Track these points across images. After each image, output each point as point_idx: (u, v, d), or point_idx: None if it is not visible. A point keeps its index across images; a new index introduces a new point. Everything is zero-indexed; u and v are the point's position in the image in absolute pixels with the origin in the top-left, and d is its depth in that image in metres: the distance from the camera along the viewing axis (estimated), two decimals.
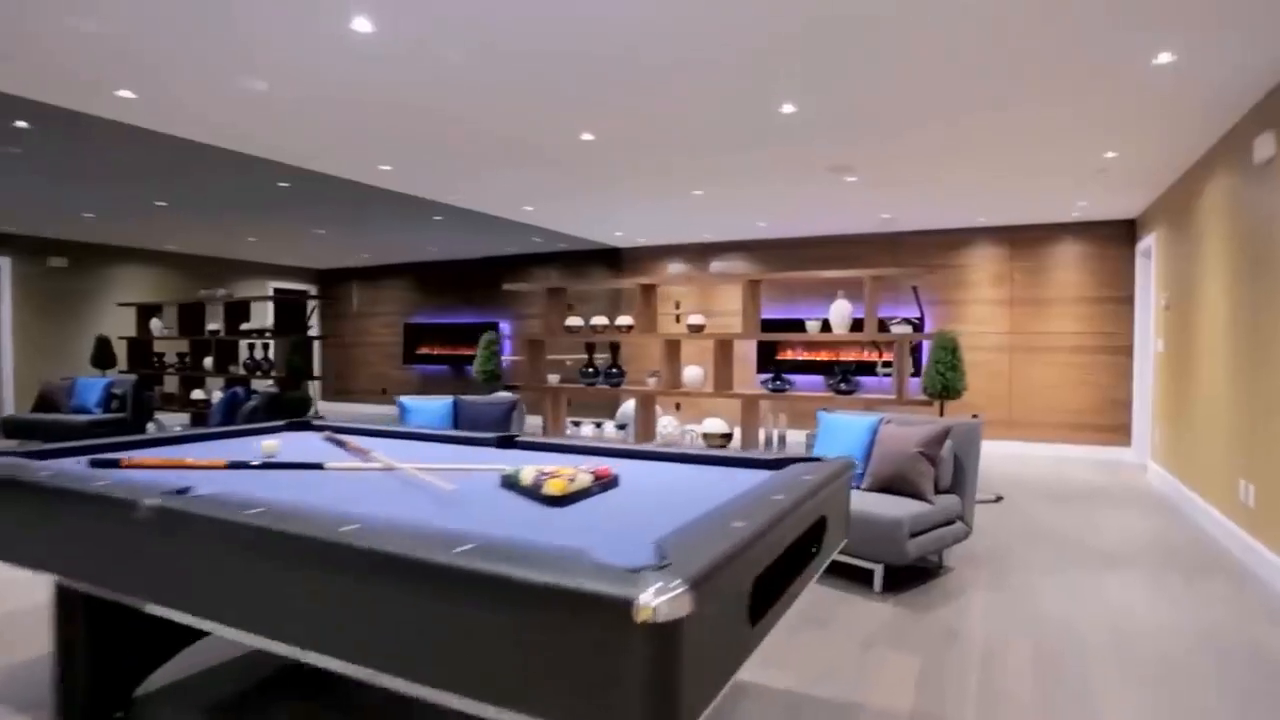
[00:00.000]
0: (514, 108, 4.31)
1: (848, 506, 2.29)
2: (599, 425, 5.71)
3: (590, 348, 5.75)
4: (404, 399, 5.37)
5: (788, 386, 4.94)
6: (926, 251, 8.47)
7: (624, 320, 5.55)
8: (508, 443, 2.89)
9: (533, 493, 1.90)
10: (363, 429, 3.26)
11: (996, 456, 7.87)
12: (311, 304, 12.40)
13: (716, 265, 4.88)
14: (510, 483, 2.02)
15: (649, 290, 5.47)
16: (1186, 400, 5.44)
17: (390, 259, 11.97)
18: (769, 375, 4.98)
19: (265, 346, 7.69)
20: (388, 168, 5.73)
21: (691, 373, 5.22)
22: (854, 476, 4.04)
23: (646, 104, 4.22)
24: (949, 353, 4.06)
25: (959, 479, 3.86)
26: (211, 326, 8.11)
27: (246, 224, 8.37)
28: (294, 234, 9.16)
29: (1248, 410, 4.11)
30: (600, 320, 5.62)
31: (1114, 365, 7.70)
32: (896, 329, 6.45)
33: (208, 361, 8.11)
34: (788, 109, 4.23)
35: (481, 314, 11.53)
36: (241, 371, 7.73)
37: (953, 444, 3.86)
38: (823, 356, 8.91)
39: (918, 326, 6.76)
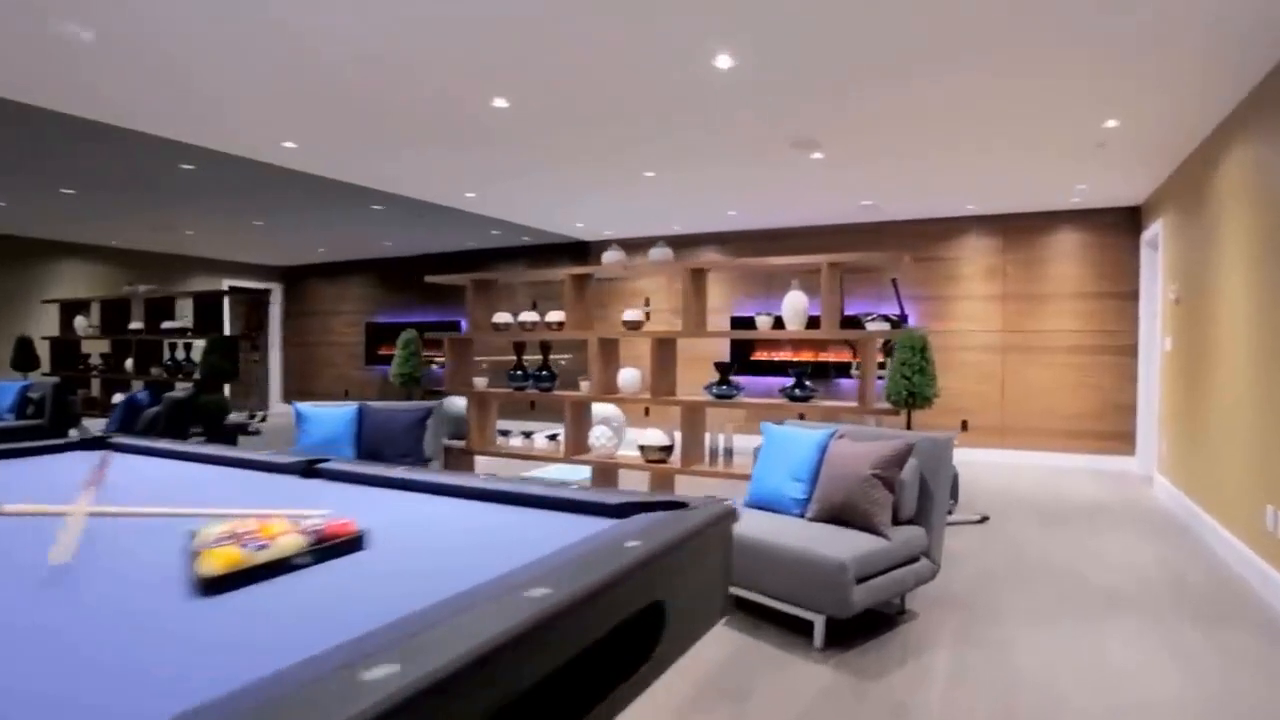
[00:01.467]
0: (414, 71, 3.65)
1: (722, 575, 1.62)
2: (528, 435, 5.04)
3: (519, 347, 5.08)
4: (301, 405, 4.72)
5: (736, 392, 4.27)
6: (912, 242, 7.79)
7: (554, 316, 4.88)
8: (311, 470, 2.22)
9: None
10: (161, 449, 2.59)
11: (986, 468, 7.17)
12: (226, 300, 11.79)
13: (655, 253, 4.19)
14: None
15: (580, 282, 4.81)
16: (1199, 406, 4.75)
17: (350, 255, 11.33)
18: (715, 380, 4.31)
19: (187, 347, 7.05)
20: (291, 145, 5.08)
21: (626, 376, 4.55)
22: (797, 504, 3.41)
23: (559, 61, 3.56)
24: (916, 353, 3.39)
25: (925, 507, 3.18)
26: (134, 325, 7.47)
27: (172, 214, 7.72)
28: (231, 226, 8.52)
29: (1275, 421, 3.42)
30: (529, 316, 4.95)
31: (1116, 366, 7.00)
32: (873, 326, 5.78)
33: (129, 363, 7.47)
34: (724, 62, 3.56)
35: (446, 313, 10.88)
36: (164, 374, 7.09)
37: (918, 464, 3.18)
38: (803, 356, 8.23)
39: (897, 324, 6.10)
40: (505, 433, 5.17)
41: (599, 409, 5.53)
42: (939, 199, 6.79)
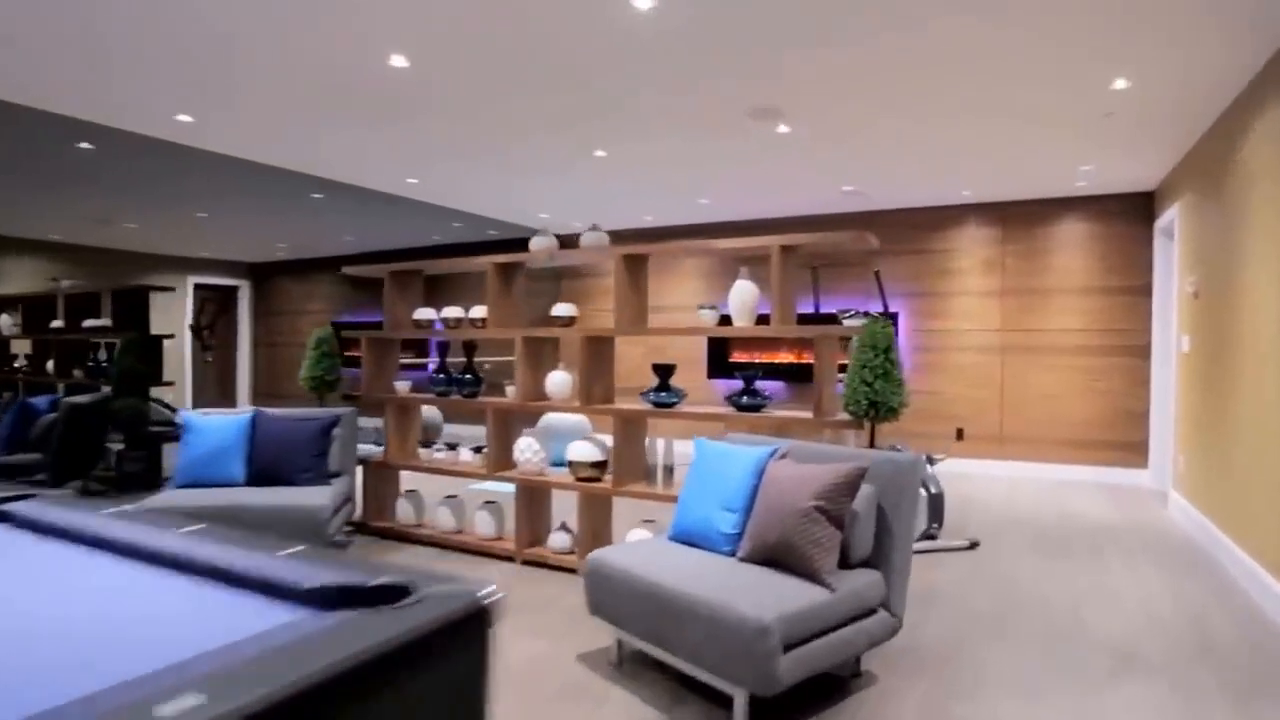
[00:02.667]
0: (297, 28, 3.05)
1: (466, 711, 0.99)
2: (453, 448, 4.43)
3: (443, 348, 4.47)
4: (188, 413, 4.12)
5: (677, 399, 3.64)
6: (902, 234, 7.14)
7: (478, 312, 4.27)
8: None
9: None
10: None
11: (982, 481, 6.50)
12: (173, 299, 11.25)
13: (588, 237, 3.57)
14: None
15: (505, 272, 4.19)
16: (1222, 414, 4.09)
17: (313, 252, 10.77)
18: (654, 386, 3.68)
19: (110, 347, 6.48)
20: (186, 118, 4.49)
21: (555, 380, 3.93)
22: (727, 540, 2.77)
23: (463, 8, 2.95)
24: (878, 354, 2.76)
25: (884, 545, 2.55)
26: (56, 323, 6.91)
27: (102, 205, 7.17)
28: (173, 219, 7.95)
29: None
30: (452, 312, 4.34)
31: (1127, 369, 6.33)
32: (852, 324, 5.15)
33: (51, 364, 6.91)
34: (642, 2, 2.93)
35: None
36: (83, 377, 6.52)
37: (875, 491, 2.55)
38: (782, 358, 7.58)
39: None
40: (427, 444, 4.55)
41: (559, 421, 4.90)
42: (931, 184, 6.14)
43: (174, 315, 11.15)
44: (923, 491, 4.27)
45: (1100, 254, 6.43)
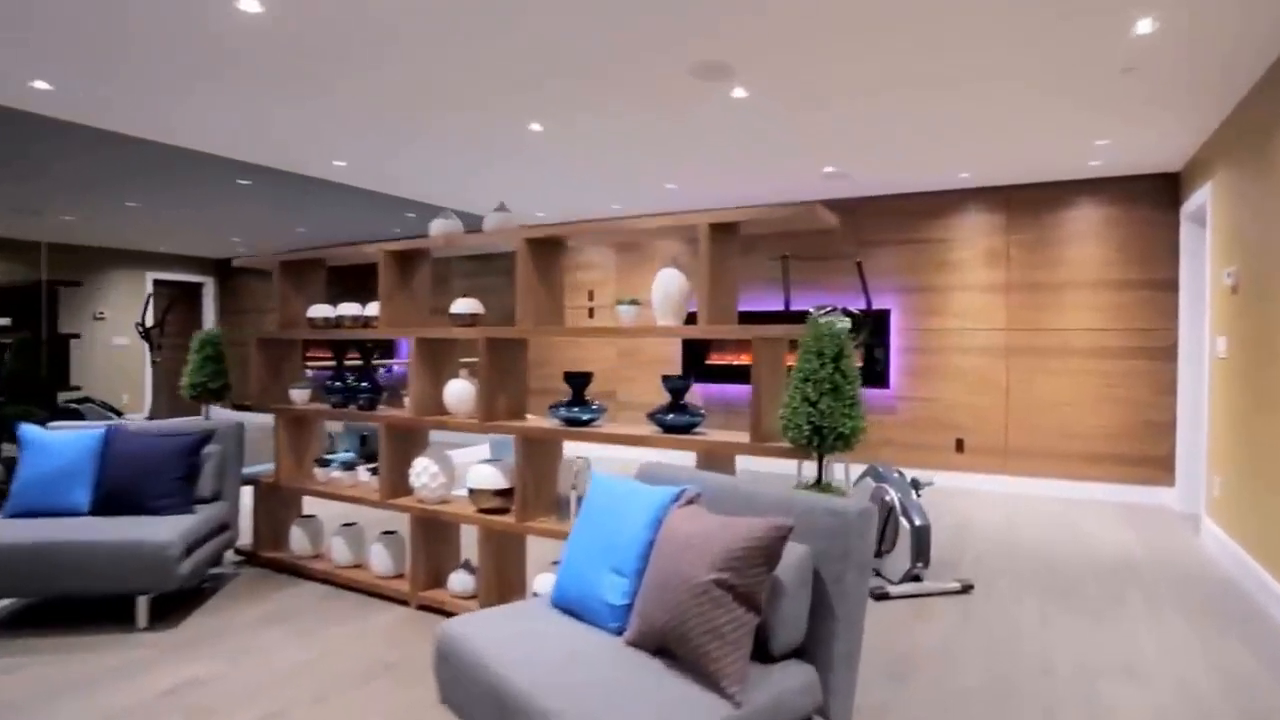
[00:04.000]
0: None
1: None
2: (350, 467, 3.77)
3: (340, 349, 3.80)
4: (29, 429, 3.48)
5: (596, 414, 2.96)
6: (894, 222, 6.41)
7: (354, 310, 3.61)
8: None
9: None
10: None
11: (983, 501, 5.77)
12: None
13: (493, 219, 2.87)
14: None
15: (402, 262, 3.51)
16: (1267, 427, 3.36)
17: (273, 246, 10.15)
18: (567, 400, 3.01)
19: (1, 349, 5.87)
20: (44, 85, 3.84)
21: (454, 391, 3.25)
22: (613, 613, 1.83)
23: None
24: (826, 363, 2.05)
25: (822, 628, 1.85)
26: None
27: (21, 193, 6.56)
28: (105, 209, 7.34)
29: None
30: (350, 309, 3.68)
31: (1150, 373, 5.58)
32: (832, 321, 4.44)
33: None
34: None
35: None
36: None
37: (810, 554, 1.85)
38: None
39: (860, 320, 4.76)
40: (325, 462, 3.87)
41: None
42: (924, 165, 5.41)
43: (134, 313, 10.59)
44: (905, 524, 3.56)
45: (1118, 243, 5.68)
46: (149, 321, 10.54)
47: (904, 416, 6.36)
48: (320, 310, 3.81)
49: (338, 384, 3.74)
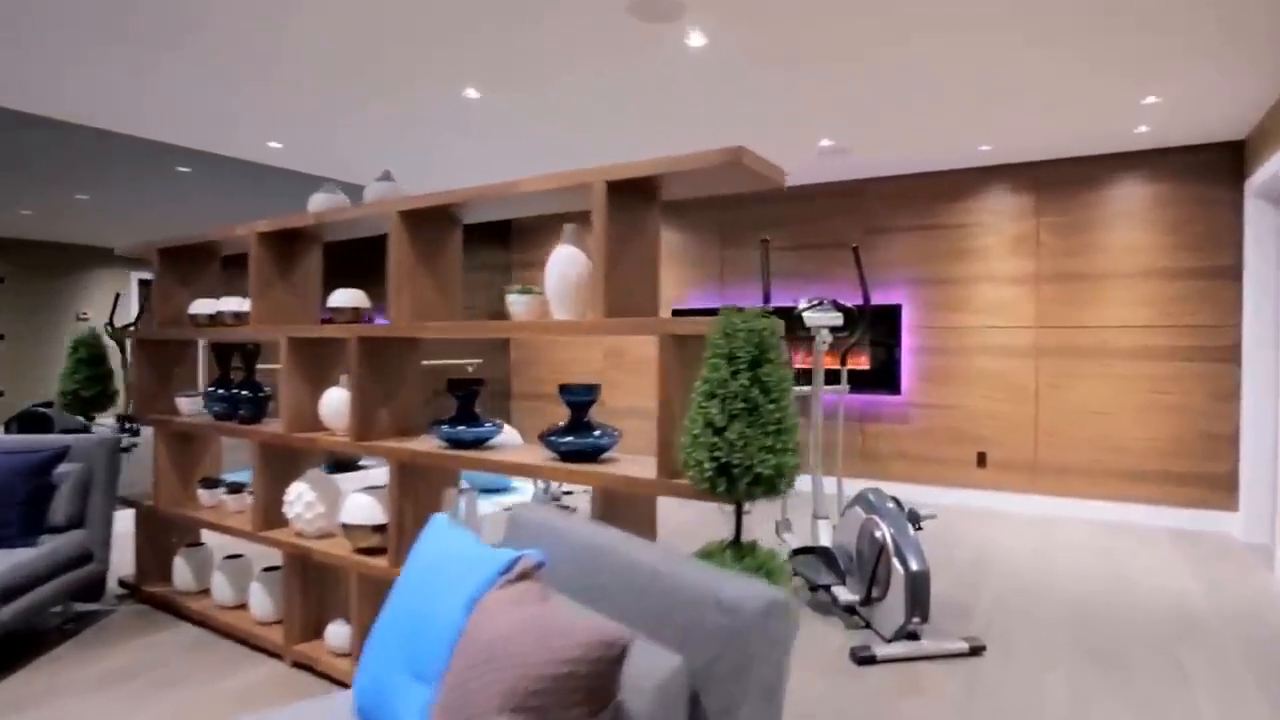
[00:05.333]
0: None
1: None
2: (238, 490, 3.17)
3: (225, 353, 3.20)
4: None
5: (490, 435, 2.32)
6: (904, 206, 5.66)
7: (236, 305, 3.01)
8: None
9: None
10: None
11: (1006, 527, 4.99)
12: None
13: (374, 189, 2.23)
14: None
15: (279, 246, 2.89)
16: None
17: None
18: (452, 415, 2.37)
19: None
20: None
21: (331, 402, 2.64)
22: None
23: None
24: (739, 370, 1.40)
25: None
26: None
27: None
28: (58, 202, 6.92)
29: None
30: (234, 304, 3.09)
31: (1207, 377, 4.76)
32: (817, 318, 3.75)
33: None
34: None
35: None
36: None
37: (687, 671, 1.17)
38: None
39: (854, 316, 4.03)
40: (237, 488, 3.27)
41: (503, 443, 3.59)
42: (937, 137, 4.67)
43: (130, 313, 10.26)
44: (899, 568, 2.85)
45: (1169, 225, 4.87)
46: (115, 321, 10.19)
47: (917, 425, 5.61)
48: (202, 306, 3.23)
49: (220, 392, 3.15)
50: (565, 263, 2.05)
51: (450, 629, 1.34)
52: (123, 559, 4.04)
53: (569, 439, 2.06)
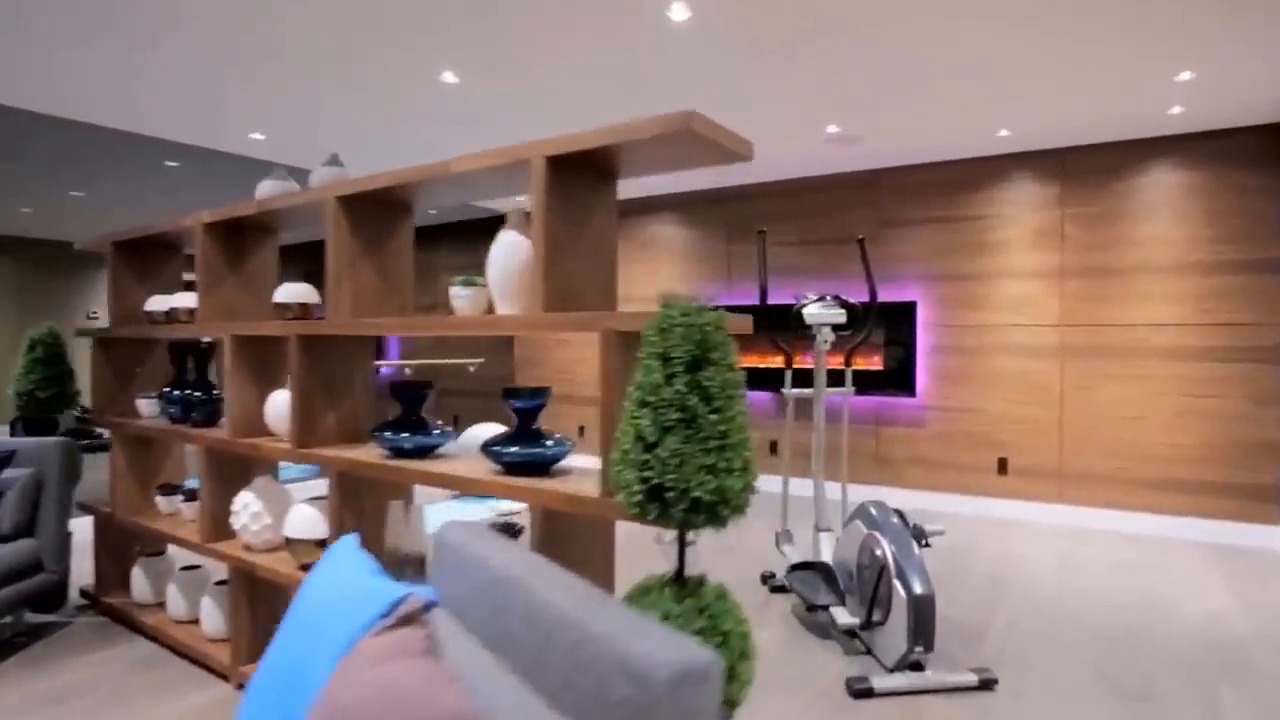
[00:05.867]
0: None
1: None
2: (192, 498, 2.99)
3: (177, 351, 3.02)
4: None
5: (438, 443, 2.10)
6: (919, 197, 5.35)
7: (191, 301, 2.83)
8: None
9: None
10: None
11: (1028, 539, 4.67)
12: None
13: (320, 174, 2.01)
14: None
15: (227, 237, 2.69)
16: None
17: None
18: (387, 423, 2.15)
19: None
20: None
21: (277, 405, 2.44)
22: None
23: None
24: (675, 373, 1.16)
25: None
26: None
27: None
28: (54, 199, 6.86)
29: None
30: (186, 300, 2.90)
31: (1249, 379, 4.40)
32: (818, 314, 3.48)
33: None
34: None
35: None
36: None
37: None
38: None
39: (859, 313, 3.74)
40: (192, 494, 3.10)
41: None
42: (952, 122, 4.36)
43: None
44: (900, 591, 2.58)
45: (1206, 216, 4.51)
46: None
47: (934, 429, 5.30)
48: (157, 302, 3.05)
49: (175, 394, 2.97)
50: (508, 251, 1.82)
51: (315, 687, 1.11)
52: (85, 567, 3.89)
53: (514, 449, 1.82)
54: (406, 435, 2.09)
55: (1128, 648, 2.90)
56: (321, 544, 2.31)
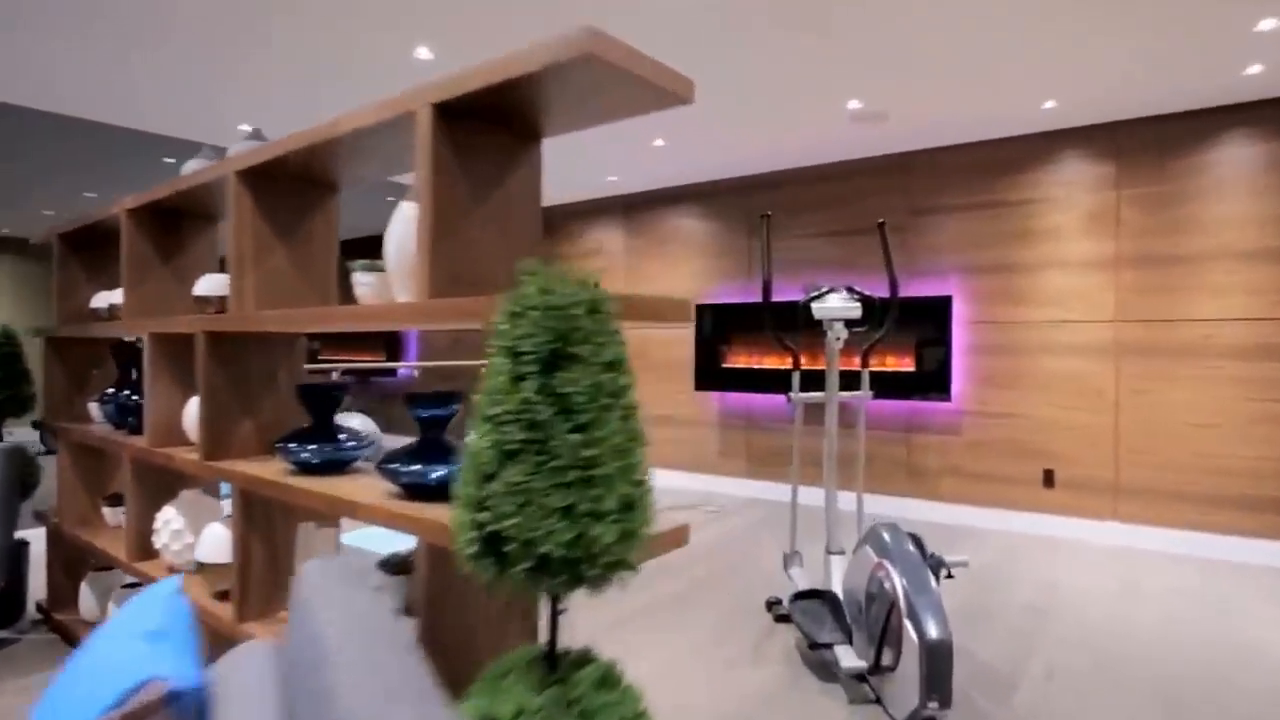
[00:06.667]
0: None
1: None
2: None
3: (118, 351, 2.79)
4: None
5: (353, 456, 1.79)
6: (955, 181, 4.87)
7: (111, 298, 2.60)
8: None
9: None
10: None
11: (1077, 563, 4.17)
12: None
13: (235, 151, 1.73)
14: None
15: (154, 226, 2.42)
16: None
17: None
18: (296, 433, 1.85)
19: None
20: None
21: (194, 412, 2.17)
22: None
23: None
24: (527, 374, 0.84)
25: None
26: None
27: None
28: (66, 201, 6.85)
29: None
30: (114, 298, 2.68)
31: None
32: (826, 307, 3.08)
33: None
34: None
35: None
36: None
37: None
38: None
39: (875, 307, 3.31)
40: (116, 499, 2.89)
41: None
42: (990, 94, 3.90)
43: None
44: (912, 634, 2.17)
45: None
46: None
47: (971, 437, 4.82)
48: (101, 299, 2.83)
49: (114, 397, 2.74)
50: (405, 227, 1.50)
51: None
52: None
53: (414, 468, 1.50)
54: (313, 448, 1.78)
55: (1194, 698, 2.43)
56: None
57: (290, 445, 1.80)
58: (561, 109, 1.38)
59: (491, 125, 1.43)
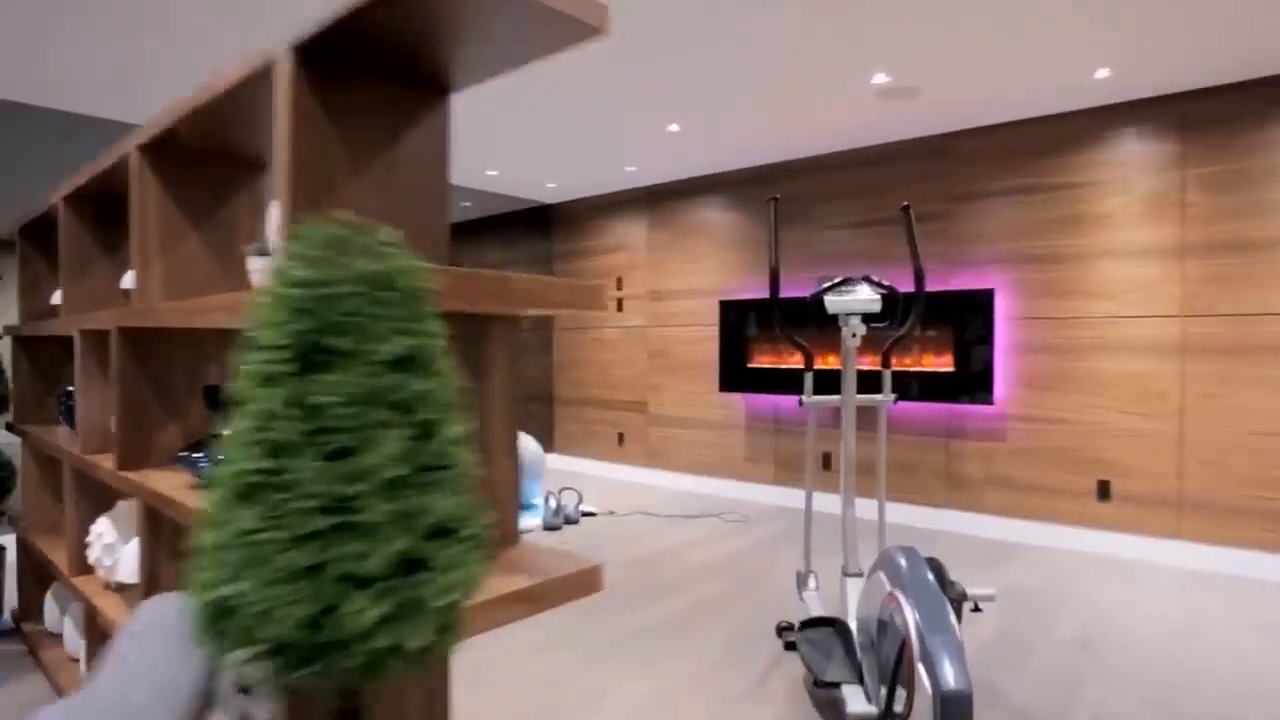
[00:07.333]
0: None
1: None
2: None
3: (71, 348, 2.65)
4: None
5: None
6: (997, 164, 4.45)
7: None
8: None
9: None
10: None
11: (1134, 587, 3.74)
12: None
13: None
14: None
15: (96, 215, 2.25)
16: None
17: None
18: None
19: None
20: None
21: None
22: None
23: None
24: (275, 379, 0.60)
25: None
26: None
27: None
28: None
29: None
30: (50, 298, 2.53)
31: None
32: (840, 300, 2.76)
33: None
34: None
35: None
36: None
37: None
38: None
39: (897, 301, 2.97)
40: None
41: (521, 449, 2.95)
42: (1035, 64, 3.51)
43: None
44: (925, 681, 1.85)
45: None
46: None
47: (1017, 444, 4.40)
48: (58, 295, 2.69)
49: (66, 398, 2.60)
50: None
51: None
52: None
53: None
54: (195, 455, 1.56)
55: None
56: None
57: (194, 455, 1.58)
58: (451, 46, 1.12)
59: (375, 76, 1.18)
